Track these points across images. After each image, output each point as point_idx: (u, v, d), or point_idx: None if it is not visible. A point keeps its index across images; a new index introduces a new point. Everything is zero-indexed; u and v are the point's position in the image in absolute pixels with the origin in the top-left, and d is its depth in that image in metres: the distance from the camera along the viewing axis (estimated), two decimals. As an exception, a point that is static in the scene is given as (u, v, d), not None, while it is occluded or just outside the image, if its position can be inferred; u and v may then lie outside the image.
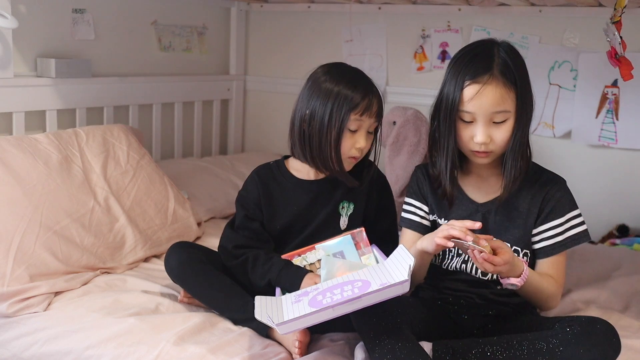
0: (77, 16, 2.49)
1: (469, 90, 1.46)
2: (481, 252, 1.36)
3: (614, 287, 1.95)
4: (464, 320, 1.59)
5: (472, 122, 1.49)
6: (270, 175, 1.76)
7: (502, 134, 1.48)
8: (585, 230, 1.57)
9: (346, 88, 1.60)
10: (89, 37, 2.55)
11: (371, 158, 1.76)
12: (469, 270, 1.58)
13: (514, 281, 1.43)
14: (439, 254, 1.63)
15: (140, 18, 2.79)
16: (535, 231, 1.57)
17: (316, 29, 3.14)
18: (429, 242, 1.46)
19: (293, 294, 1.50)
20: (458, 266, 1.60)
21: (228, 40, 3.26)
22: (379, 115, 1.65)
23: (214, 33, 3.17)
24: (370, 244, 1.66)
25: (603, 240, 2.55)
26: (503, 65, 1.46)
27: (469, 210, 1.59)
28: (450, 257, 1.61)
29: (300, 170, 1.76)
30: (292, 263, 1.66)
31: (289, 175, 1.75)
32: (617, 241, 2.48)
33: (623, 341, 1.53)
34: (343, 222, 1.73)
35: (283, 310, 1.41)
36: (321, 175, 1.74)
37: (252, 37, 3.34)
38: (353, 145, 1.63)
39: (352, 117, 1.59)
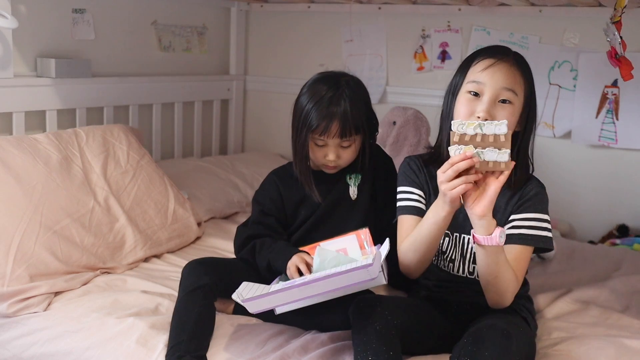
0: (77, 16, 2.49)
1: (483, 63, 1.45)
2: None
3: (614, 287, 1.95)
4: (457, 320, 1.58)
5: (477, 95, 1.44)
6: (288, 174, 1.81)
7: (504, 114, 1.42)
8: (550, 238, 1.50)
9: (311, 108, 1.65)
10: (89, 37, 2.55)
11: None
12: (466, 272, 1.58)
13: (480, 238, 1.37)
14: (439, 255, 1.62)
15: (140, 18, 2.79)
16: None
17: (316, 29, 3.14)
18: (441, 201, 1.38)
19: (283, 282, 1.52)
20: (457, 268, 1.59)
21: (228, 40, 3.26)
22: (344, 135, 1.66)
23: (214, 33, 3.17)
24: (375, 244, 1.65)
25: (603, 240, 2.55)
26: (519, 57, 1.48)
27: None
28: (448, 260, 1.61)
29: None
30: (288, 245, 1.70)
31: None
32: (617, 241, 2.48)
33: (623, 341, 1.53)
34: (352, 192, 1.77)
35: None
36: None
37: (252, 37, 3.34)
38: (324, 157, 1.70)
39: (312, 136, 1.67)
